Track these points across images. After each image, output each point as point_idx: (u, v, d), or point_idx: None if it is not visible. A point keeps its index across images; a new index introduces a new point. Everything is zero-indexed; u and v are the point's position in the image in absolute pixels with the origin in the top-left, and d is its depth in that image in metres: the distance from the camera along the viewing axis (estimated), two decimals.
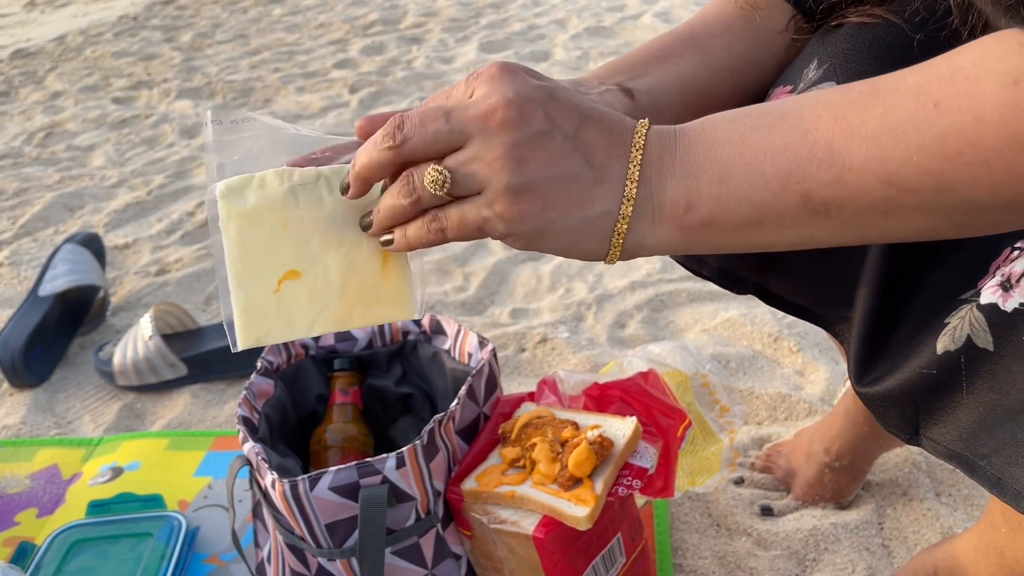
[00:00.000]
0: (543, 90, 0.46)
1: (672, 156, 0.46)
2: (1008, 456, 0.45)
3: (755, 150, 0.43)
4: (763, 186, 0.43)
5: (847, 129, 0.41)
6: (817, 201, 0.42)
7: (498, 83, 0.46)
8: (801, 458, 0.96)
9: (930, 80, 0.40)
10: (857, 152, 0.41)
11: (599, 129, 0.46)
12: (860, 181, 0.41)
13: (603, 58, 2.61)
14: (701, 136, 0.46)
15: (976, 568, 0.64)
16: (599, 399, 0.82)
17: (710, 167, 0.45)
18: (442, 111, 0.46)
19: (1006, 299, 0.45)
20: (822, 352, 1.20)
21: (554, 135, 0.45)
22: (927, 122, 0.39)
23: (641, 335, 1.29)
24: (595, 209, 0.46)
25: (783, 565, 0.88)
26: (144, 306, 1.50)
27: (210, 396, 1.24)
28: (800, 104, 0.44)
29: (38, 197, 1.98)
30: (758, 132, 0.44)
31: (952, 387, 0.49)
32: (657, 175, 0.46)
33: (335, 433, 0.89)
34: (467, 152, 0.46)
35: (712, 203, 0.45)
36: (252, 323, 0.53)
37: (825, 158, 0.42)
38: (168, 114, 2.53)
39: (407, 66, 2.75)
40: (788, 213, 0.43)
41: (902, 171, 0.40)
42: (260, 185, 0.53)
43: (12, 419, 1.22)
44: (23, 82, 3.02)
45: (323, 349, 0.94)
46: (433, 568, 0.76)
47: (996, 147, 0.37)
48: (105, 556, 0.92)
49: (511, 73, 0.46)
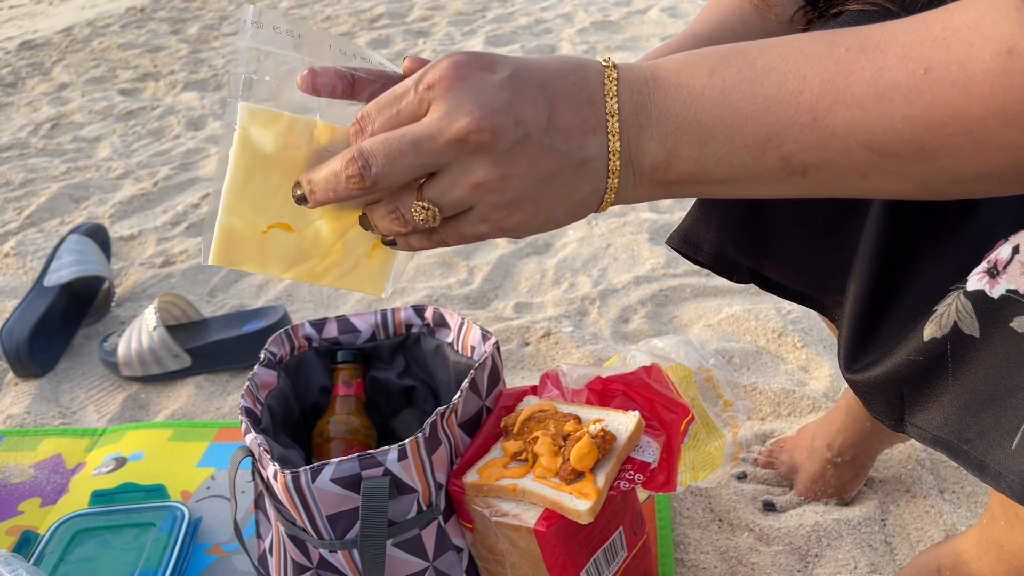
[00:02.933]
0: (505, 89, 0.43)
1: (648, 114, 0.44)
2: (991, 439, 0.46)
3: (736, 112, 0.42)
4: (743, 148, 0.42)
5: (832, 93, 0.40)
6: (796, 163, 0.42)
7: (457, 94, 0.43)
8: (804, 454, 0.95)
9: (921, 41, 0.38)
10: (841, 117, 0.40)
11: (570, 106, 0.44)
12: (842, 145, 0.40)
13: (610, 52, 2.60)
14: (679, 92, 0.43)
15: (978, 564, 0.64)
16: (602, 393, 0.81)
17: (690, 129, 0.43)
18: (407, 142, 0.44)
19: (993, 285, 0.45)
20: (826, 348, 1.20)
21: (530, 138, 0.44)
22: (915, 90, 0.38)
23: (645, 330, 1.28)
24: (584, 190, 0.46)
25: (785, 561, 0.87)
26: (149, 297, 1.50)
27: (213, 387, 1.25)
28: (783, 57, 0.41)
29: (44, 188, 1.98)
30: (738, 91, 0.42)
31: (938, 373, 0.49)
32: (635, 138, 0.44)
33: (338, 425, 0.89)
34: (446, 180, 0.45)
35: (692, 164, 0.44)
36: (230, 247, 0.51)
37: (808, 122, 0.40)
38: (174, 106, 2.53)
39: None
40: (766, 173, 0.43)
41: (885, 138, 0.39)
42: (286, 131, 0.49)
43: (17, 409, 1.23)
44: (30, 73, 3.02)
45: (326, 341, 0.94)
46: (434, 560, 0.76)
47: (982, 119, 0.37)
48: (108, 546, 0.92)
49: (466, 78, 0.43)
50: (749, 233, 0.65)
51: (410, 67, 0.54)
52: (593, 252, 1.53)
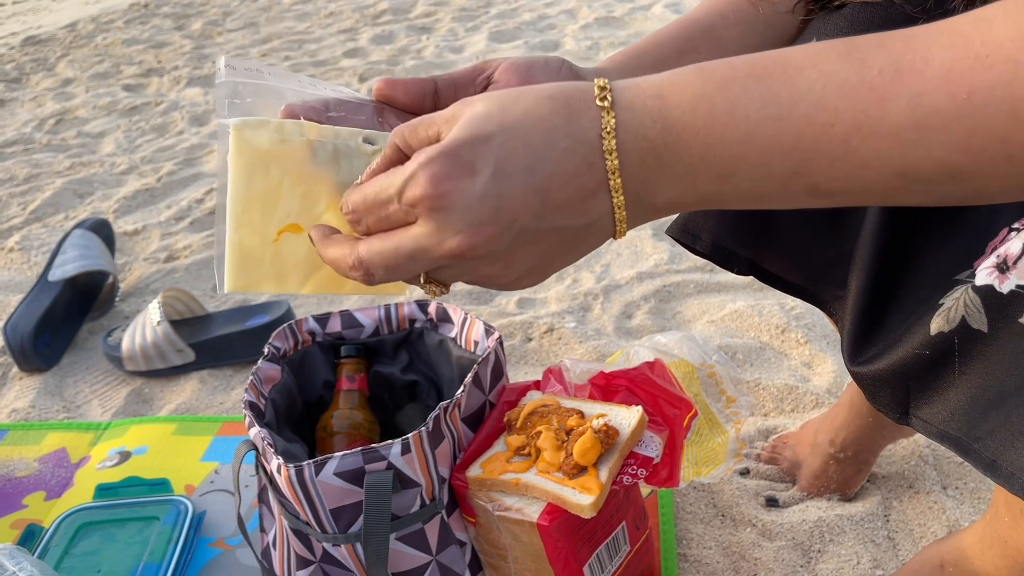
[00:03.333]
0: (490, 197, 0.41)
1: (658, 159, 0.41)
2: (1003, 438, 0.45)
3: (761, 151, 0.39)
4: (767, 181, 0.40)
5: (867, 125, 0.37)
6: (823, 190, 0.40)
7: (442, 215, 0.42)
8: (807, 449, 0.95)
9: (962, 59, 0.35)
10: (875, 150, 0.37)
11: (563, 181, 0.42)
12: (874, 176, 0.38)
13: (613, 48, 2.60)
14: (694, 134, 0.40)
15: (981, 560, 0.64)
16: (605, 388, 0.81)
17: (708, 168, 0.41)
18: (403, 256, 0.44)
19: (1002, 281, 0.45)
20: (829, 344, 1.20)
21: (526, 230, 0.43)
22: (956, 118, 0.35)
23: (648, 326, 1.28)
24: (592, 243, 0.45)
25: (788, 556, 0.88)
26: (153, 292, 1.50)
27: (217, 382, 1.25)
28: (811, 86, 0.38)
29: (48, 183, 1.99)
30: (764, 128, 0.39)
31: (944, 368, 0.48)
32: (643, 184, 0.42)
33: (341, 419, 0.89)
34: (451, 272, 0.45)
35: (709, 196, 0.42)
36: (244, 269, 0.51)
37: (839, 156, 0.38)
38: (178, 102, 2.53)
39: (417, 55, 2.74)
40: (789, 199, 0.41)
41: (920, 165, 0.37)
42: (278, 130, 0.50)
43: (21, 403, 1.23)
44: (34, 69, 3.03)
45: (330, 336, 0.94)
46: (437, 554, 0.76)
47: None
48: (112, 539, 0.93)
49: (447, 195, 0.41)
50: (748, 224, 0.65)
51: (380, 89, 0.54)
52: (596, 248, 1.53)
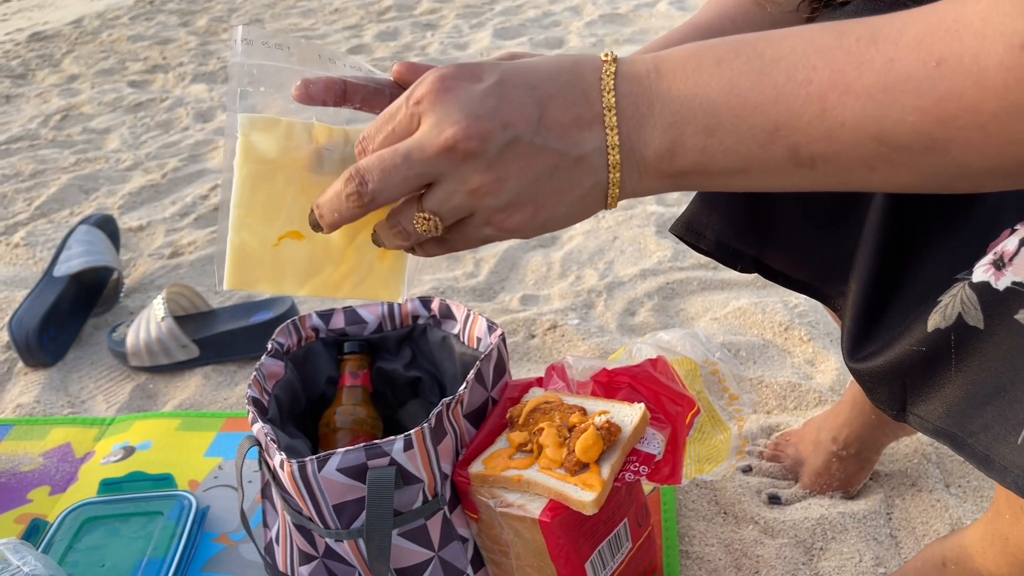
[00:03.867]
0: (491, 95, 0.44)
1: (650, 105, 0.43)
2: (996, 433, 0.45)
3: (744, 101, 0.41)
4: (751, 138, 0.42)
5: (843, 83, 0.39)
6: (804, 155, 0.41)
7: (443, 106, 0.44)
8: (809, 447, 0.95)
9: (933, 32, 0.37)
10: (851, 109, 0.39)
11: (562, 104, 0.44)
12: (851, 137, 0.40)
13: (618, 45, 2.59)
14: (684, 82, 0.42)
15: (983, 558, 0.64)
16: (607, 385, 0.82)
17: (695, 118, 0.42)
18: (399, 155, 0.45)
19: (998, 277, 0.45)
20: (833, 342, 1.20)
21: (520, 139, 0.44)
22: (927, 82, 0.37)
23: (651, 323, 1.28)
24: (584, 185, 0.45)
25: (790, 554, 0.88)
26: (157, 288, 1.51)
27: (221, 377, 1.25)
28: (793, 47, 0.41)
29: (54, 179, 1.99)
30: (747, 79, 0.41)
31: (941, 364, 0.49)
32: (636, 129, 0.44)
33: (344, 415, 0.89)
34: (443, 189, 0.46)
35: (697, 154, 0.43)
36: (243, 268, 0.52)
37: (817, 113, 0.40)
38: (183, 98, 2.53)
39: (421, 52, 2.74)
40: (773, 164, 0.42)
41: (896, 130, 0.39)
42: (286, 135, 0.50)
43: (26, 398, 1.23)
44: (40, 65, 3.03)
45: (333, 332, 0.94)
46: (440, 550, 0.76)
47: (995, 113, 0.36)
48: (116, 534, 0.93)
49: (451, 90, 0.44)
50: (752, 221, 0.65)
51: (399, 71, 0.55)
52: (599, 245, 1.53)
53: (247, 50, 0.51)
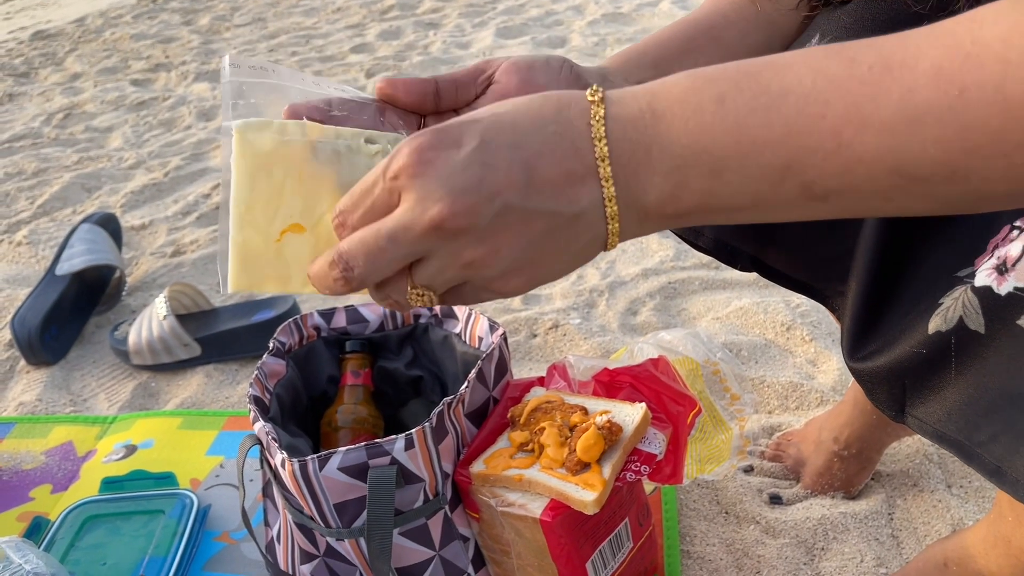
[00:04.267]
0: (473, 164, 0.41)
1: (648, 150, 0.41)
2: (1007, 444, 0.45)
3: (752, 140, 0.39)
4: (760, 178, 0.39)
5: (858, 117, 0.37)
6: (818, 190, 0.39)
7: (424, 182, 0.41)
8: (811, 447, 0.95)
9: (951, 58, 0.35)
10: (868, 143, 0.37)
11: (550, 161, 0.41)
12: (868, 172, 0.38)
13: (620, 45, 2.59)
14: (684, 123, 0.40)
15: (985, 559, 0.64)
16: (609, 385, 0.81)
17: (699, 161, 0.40)
18: (383, 238, 0.42)
19: (1001, 282, 0.45)
20: (835, 342, 1.19)
21: (510, 207, 0.41)
22: (949, 113, 0.35)
23: (653, 322, 1.28)
24: (582, 240, 0.43)
25: (791, 554, 0.87)
26: (159, 286, 1.51)
27: (223, 376, 1.25)
28: (800, 79, 0.38)
29: (56, 177, 1.99)
30: (755, 118, 0.39)
31: (941, 367, 0.48)
32: (633, 177, 0.41)
33: (346, 414, 0.89)
34: (434, 265, 0.43)
35: (702, 196, 0.41)
36: (247, 268, 0.52)
37: (832, 149, 0.38)
38: (186, 96, 2.54)
39: (424, 51, 2.74)
40: (784, 200, 0.40)
41: (916, 162, 0.37)
42: (280, 131, 0.50)
43: (28, 396, 1.24)
44: (43, 63, 3.04)
45: (335, 331, 0.94)
46: (441, 550, 0.76)
47: (1020, 141, 0.35)
48: (117, 532, 0.93)
49: (430, 163, 0.41)
50: None
51: (382, 89, 0.54)
52: None
53: (235, 72, 0.52)
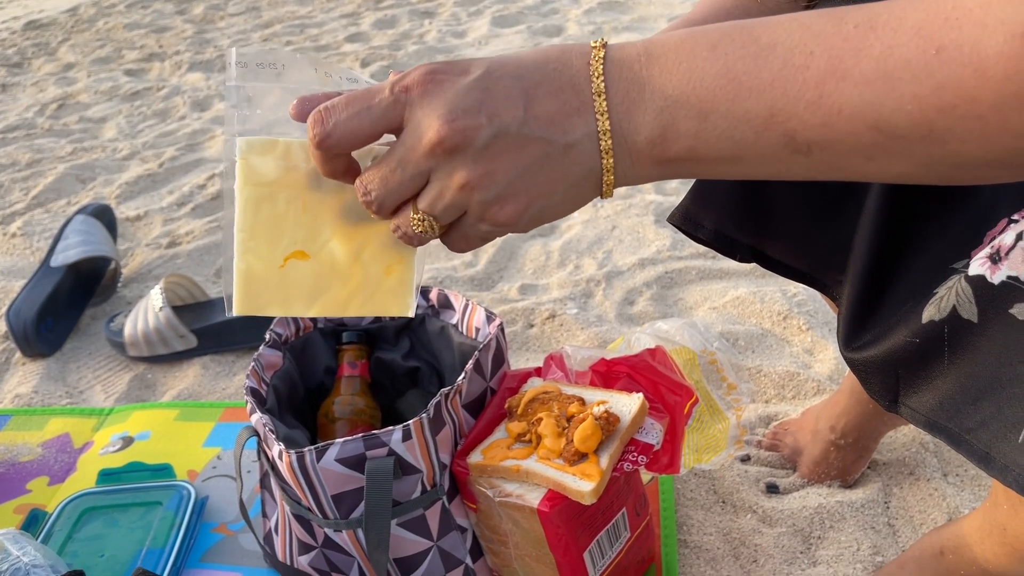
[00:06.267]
0: (475, 89, 0.43)
1: (641, 89, 0.43)
2: (995, 430, 0.45)
3: (739, 86, 0.40)
4: (745, 124, 0.41)
5: (840, 70, 0.38)
6: (800, 141, 0.41)
7: (429, 103, 0.44)
8: (807, 436, 0.95)
9: (932, 20, 0.37)
10: (848, 96, 0.38)
11: (548, 94, 0.44)
12: (848, 125, 0.39)
13: (616, 33, 2.58)
14: (677, 66, 0.42)
15: (981, 547, 0.64)
16: (606, 375, 0.81)
17: (688, 102, 0.42)
18: (394, 160, 0.45)
19: (994, 271, 0.45)
20: (831, 331, 1.19)
21: (507, 131, 0.43)
22: (926, 70, 0.37)
23: (650, 312, 1.28)
24: (577, 173, 0.45)
25: (788, 542, 0.88)
26: (155, 278, 1.50)
27: (219, 368, 1.25)
28: (789, 32, 0.40)
29: (50, 168, 1.98)
30: (742, 64, 0.40)
31: (934, 357, 0.48)
32: (626, 114, 0.43)
33: (343, 405, 0.89)
34: (434, 188, 0.46)
35: (690, 139, 0.42)
36: (251, 292, 0.52)
37: (814, 99, 0.39)
38: (180, 87, 2.52)
39: (419, 40, 2.73)
40: (769, 151, 0.42)
41: (893, 118, 0.38)
42: (284, 155, 0.51)
43: (24, 388, 1.23)
44: (36, 53, 3.02)
45: (331, 322, 0.94)
46: (438, 540, 0.76)
47: (994, 103, 0.36)
48: (115, 524, 0.93)
49: (439, 83, 0.44)
50: (750, 211, 0.65)
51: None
52: (598, 234, 1.52)
53: (242, 73, 0.51)
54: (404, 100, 0.45)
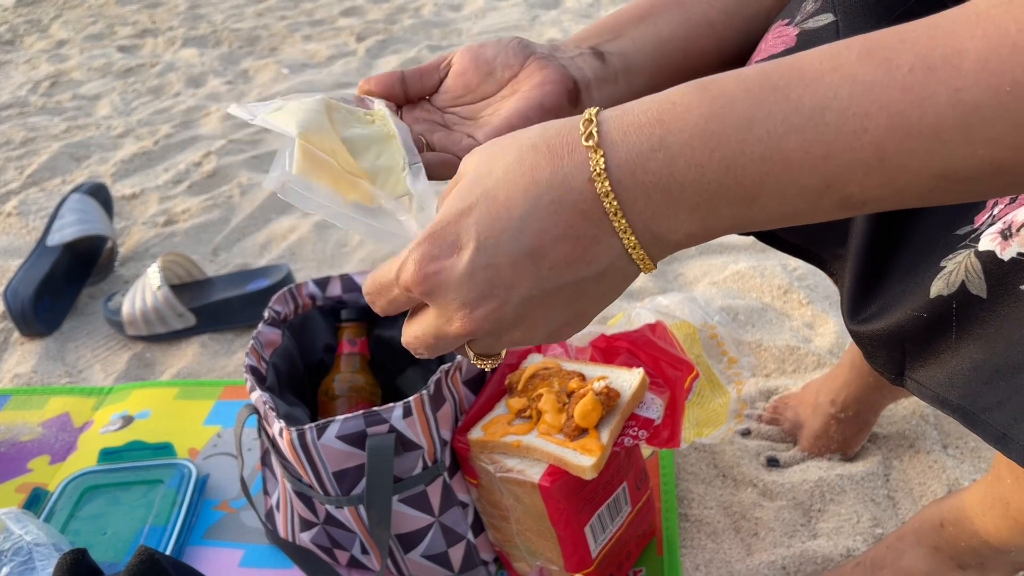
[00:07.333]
0: (478, 270, 0.40)
1: (667, 193, 0.38)
2: (1012, 411, 0.45)
3: (788, 166, 0.36)
4: (797, 198, 0.37)
5: (903, 127, 0.34)
6: (856, 201, 0.37)
7: (440, 299, 0.42)
8: (808, 410, 0.96)
9: (998, 48, 0.33)
10: (914, 153, 0.35)
11: (557, 239, 0.40)
12: (911, 180, 0.36)
13: (615, 5, 2.56)
14: (708, 158, 0.37)
15: (982, 520, 0.64)
16: (606, 351, 0.81)
17: (729, 191, 0.37)
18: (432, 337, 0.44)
19: (1004, 247, 0.44)
20: (832, 305, 1.19)
21: (530, 297, 0.41)
22: (1000, 110, 0.33)
23: (650, 287, 1.28)
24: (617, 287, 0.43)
25: (788, 516, 0.88)
26: (152, 256, 1.50)
27: (218, 346, 1.25)
28: (836, 90, 0.35)
29: (45, 147, 1.97)
30: (789, 142, 0.36)
31: (941, 331, 0.48)
32: (653, 221, 0.39)
33: (342, 383, 0.89)
34: (482, 345, 0.45)
35: (735, 220, 0.39)
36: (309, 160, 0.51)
37: (874, 163, 0.35)
38: (174, 63, 2.50)
39: (415, 14, 2.70)
40: (820, 213, 0.38)
41: (964, 164, 0.34)
42: None
43: (24, 368, 1.23)
44: (28, 30, 2.99)
45: (330, 299, 0.94)
46: (440, 516, 0.77)
47: None
48: (117, 502, 0.93)
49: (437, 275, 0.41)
50: None
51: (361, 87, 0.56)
52: None
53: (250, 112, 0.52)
54: (415, 298, 0.43)
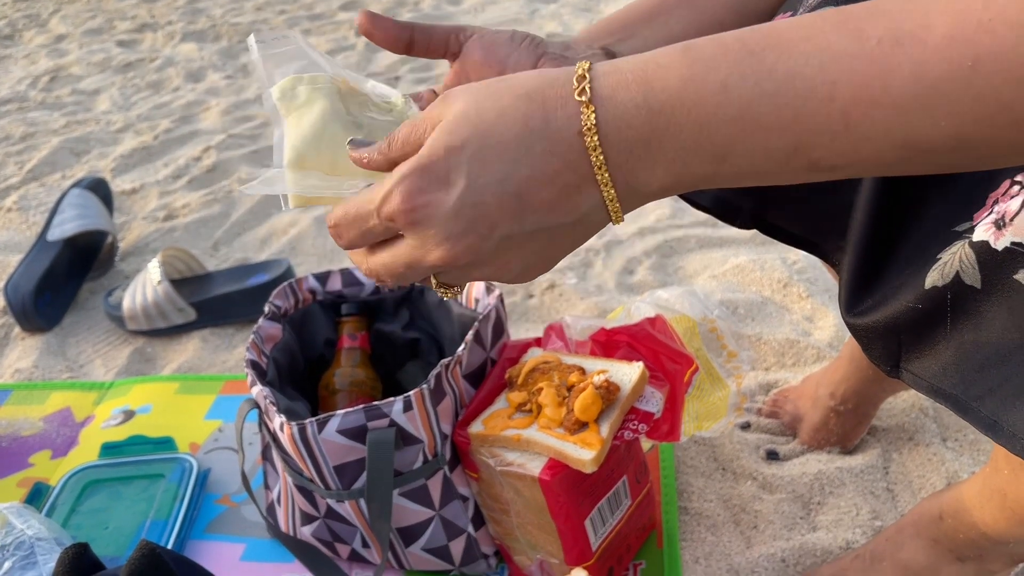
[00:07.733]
0: (465, 207, 0.42)
1: (647, 146, 0.40)
2: (1002, 398, 0.45)
3: (758, 127, 0.38)
4: (766, 159, 0.39)
5: (868, 97, 0.36)
6: (824, 165, 0.39)
7: (422, 232, 0.43)
8: (807, 403, 0.96)
9: (963, 26, 0.34)
10: (878, 121, 0.36)
11: (542, 183, 0.41)
12: (876, 147, 0.37)
13: (614, 0, 2.55)
14: (685, 116, 0.39)
15: (980, 512, 0.64)
16: (606, 344, 0.81)
17: (702, 149, 0.39)
18: (401, 265, 0.45)
19: (998, 237, 0.44)
20: (831, 298, 1.19)
21: (510, 236, 0.43)
22: (962, 84, 0.34)
23: (650, 281, 1.28)
24: (588, 233, 0.45)
25: (788, 508, 0.88)
26: (152, 251, 1.50)
27: (219, 340, 1.25)
28: (807, 58, 0.37)
29: (44, 142, 1.97)
30: (760, 104, 0.38)
31: (936, 322, 0.48)
32: (632, 174, 0.41)
33: (343, 377, 0.89)
34: (452, 275, 0.46)
35: (706, 176, 0.41)
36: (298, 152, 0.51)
37: (840, 130, 0.37)
38: (173, 57, 2.50)
39: (414, 8, 2.70)
40: (789, 175, 0.40)
41: (925, 136, 0.36)
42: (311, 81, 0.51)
43: (25, 363, 1.23)
44: (27, 25, 2.98)
45: (331, 294, 0.94)
46: (440, 509, 0.77)
47: None
48: (118, 497, 0.94)
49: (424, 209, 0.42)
50: None
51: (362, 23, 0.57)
52: None
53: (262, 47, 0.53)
54: (393, 228, 0.44)
